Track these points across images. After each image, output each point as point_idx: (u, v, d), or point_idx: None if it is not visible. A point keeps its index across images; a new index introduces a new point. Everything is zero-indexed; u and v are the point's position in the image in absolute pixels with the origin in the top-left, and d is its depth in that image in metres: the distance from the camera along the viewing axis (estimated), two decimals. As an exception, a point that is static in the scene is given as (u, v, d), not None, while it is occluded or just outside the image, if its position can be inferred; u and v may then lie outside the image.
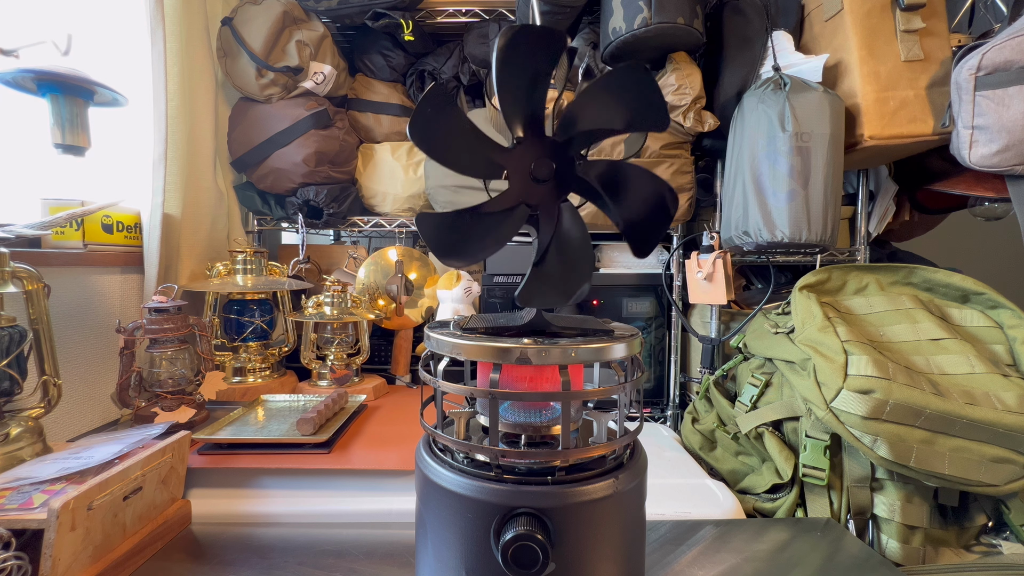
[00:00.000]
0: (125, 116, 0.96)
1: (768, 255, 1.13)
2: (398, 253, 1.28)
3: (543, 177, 0.38)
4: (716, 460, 0.93)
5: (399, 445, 0.79)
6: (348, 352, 1.14)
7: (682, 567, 0.58)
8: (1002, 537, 0.71)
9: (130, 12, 0.99)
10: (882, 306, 0.83)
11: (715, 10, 1.13)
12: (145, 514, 0.59)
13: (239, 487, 0.73)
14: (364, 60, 1.29)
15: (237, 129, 1.21)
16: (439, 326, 0.41)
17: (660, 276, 1.23)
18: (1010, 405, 0.67)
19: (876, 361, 0.70)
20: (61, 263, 0.86)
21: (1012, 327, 0.77)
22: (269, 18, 1.10)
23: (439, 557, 0.36)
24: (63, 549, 0.47)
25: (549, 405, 0.40)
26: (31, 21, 0.87)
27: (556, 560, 0.33)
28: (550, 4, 1.05)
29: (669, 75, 1.04)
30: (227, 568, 0.57)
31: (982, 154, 0.81)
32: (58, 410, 0.76)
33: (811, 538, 0.64)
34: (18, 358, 0.67)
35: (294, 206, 1.23)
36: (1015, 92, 0.76)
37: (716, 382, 0.98)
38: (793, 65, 0.99)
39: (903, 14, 0.92)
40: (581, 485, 0.34)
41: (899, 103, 0.92)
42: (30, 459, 0.65)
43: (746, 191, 0.96)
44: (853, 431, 0.69)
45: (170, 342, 0.86)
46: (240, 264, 1.07)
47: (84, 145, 0.81)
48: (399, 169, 1.25)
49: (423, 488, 0.38)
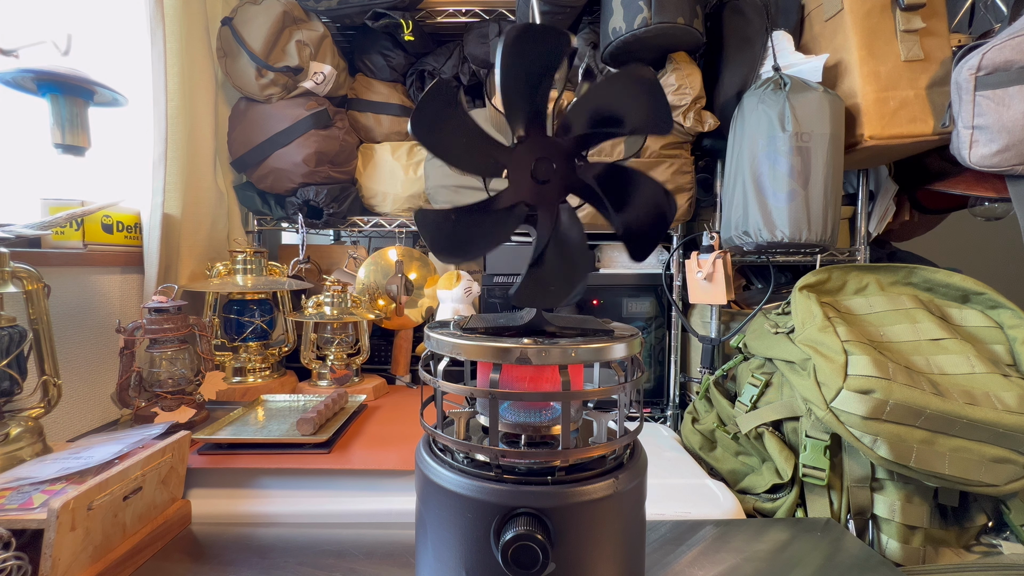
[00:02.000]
0: (125, 116, 0.96)
1: (768, 255, 1.13)
2: (398, 253, 1.28)
3: (543, 177, 0.38)
4: (716, 460, 0.93)
5: (399, 445, 0.79)
6: (348, 352, 1.14)
7: (682, 567, 0.58)
8: (1002, 537, 0.71)
9: (130, 12, 0.99)
10: (882, 306, 0.83)
11: (715, 10, 1.13)
12: (145, 514, 0.59)
13: (239, 487, 0.73)
14: (364, 60, 1.29)
15: (237, 129, 1.21)
16: (439, 326, 0.41)
17: (660, 276, 1.23)
18: (1010, 405, 0.67)
19: (876, 361, 0.70)
20: (61, 263, 0.86)
21: (1012, 327, 0.77)
22: (269, 18, 1.10)
23: (439, 557, 0.36)
24: (63, 549, 0.47)
25: (549, 405, 0.40)
26: (31, 21, 0.87)
27: (556, 560, 0.33)
28: (550, 4, 1.05)
29: (669, 75, 1.05)
30: (227, 568, 0.57)
31: (982, 154, 0.81)
32: (58, 410, 0.76)
33: (811, 538, 0.64)
34: (18, 358, 0.67)
35: (294, 206, 1.23)
36: (1015, 92, 0.76)
37: (716, 382, 0.98)
38: (793, 65, 0.99)
39: (903, 14, 0.92)
40: (581, 485, 0.34)
41: (899, 103, 0.92)
42: (30, 459, 0.65)
43: (746, 191, 0.96)
44: (853, 431, 0.69)
45: (170, 342, 0.86)
46: (240, 264, 1.07)
47: (84, 145, 0.81)
48: (399, 169, 1.25)
49: (423, 488, 0.38)
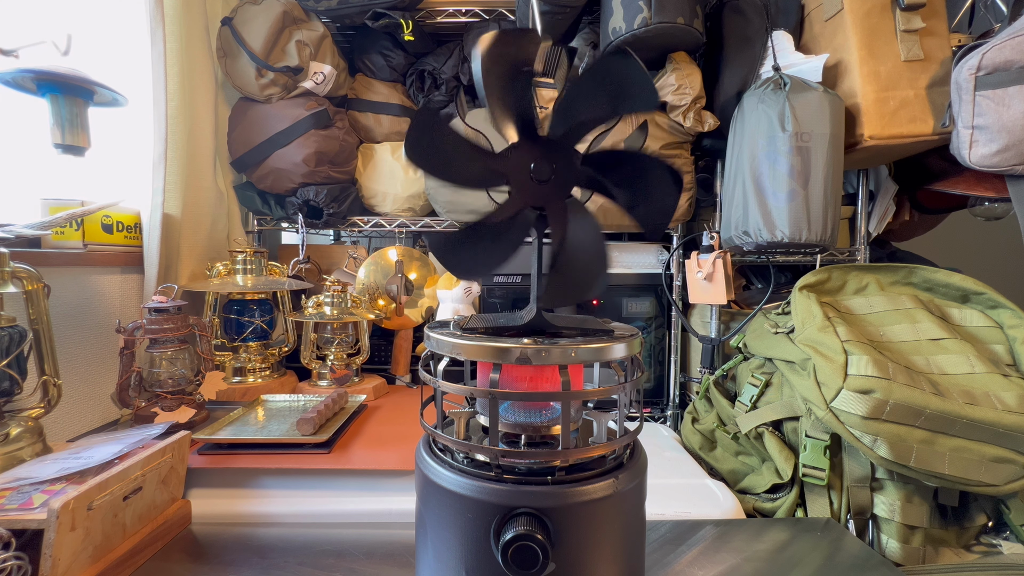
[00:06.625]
0: (125, 116, 0.96)
1: (768, 255, 1.13)
2: (398, 253, 1.28)
3: (544, 177, 0.38)
4: (716, 460, 0.93)
5: (399, 445, 0.79)
6: (348, 352, 1.14)
7: (682, 567, 0.58)
8: (1002, 537, 0.71)
9: (130, 12, 0.99)
10: (882, 306, 0.83)
11: (715, 10, 1.13)
12: (145, 514, 0.59)
13: (239, 487, 0.73)
14: (364, 60, 1.29)
15: (237, 129, 1.21)
16: (439, 326, 0.41)
17: (660, 276, 1.23)
18: (1010, 405, 0.67)
19: (876, 361, 0.70)
20: (61, 263, 0.86)
21: (1012, 327, 0.77)
22: (269, 18, 1.10)
23: (439, 557, 0.36)
24: (63, 549, 0.47)
25: (549, 405, 0.40)
26: (31, 21, 0.87)
27: (556, 560, 0.33)
28: (550, 4, 1.05)
29: (669, 75, 1.05)
30: (227, 568, 0.57)
31: (982, 154, 0.81)
32: (58, 410, 0.76)
33: (811, 538, 0.64)
34: (18, 358, 0.67)
35: (294, 206, 1.23)
36: (1015, 92, 0.76)
37: (716, 382, 0.98)
38: (793, 65, 0.99)
39: (903, 14, 0.92)
40: (581, 485, 0.34)
41: (899, 103, 0.92)
42: (30, 459, 0.65)
43: (746, 191, 0.96)
44: (853, 431, 0.69)
45: (170, 342, 0.86)
46: (240, 264, 1.07)
47: (84, 145, 0.81)
48: (399, 169, 1.25)
49: (423, 488, 0.38)
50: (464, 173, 0.37)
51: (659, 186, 0.39)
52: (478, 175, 0.37)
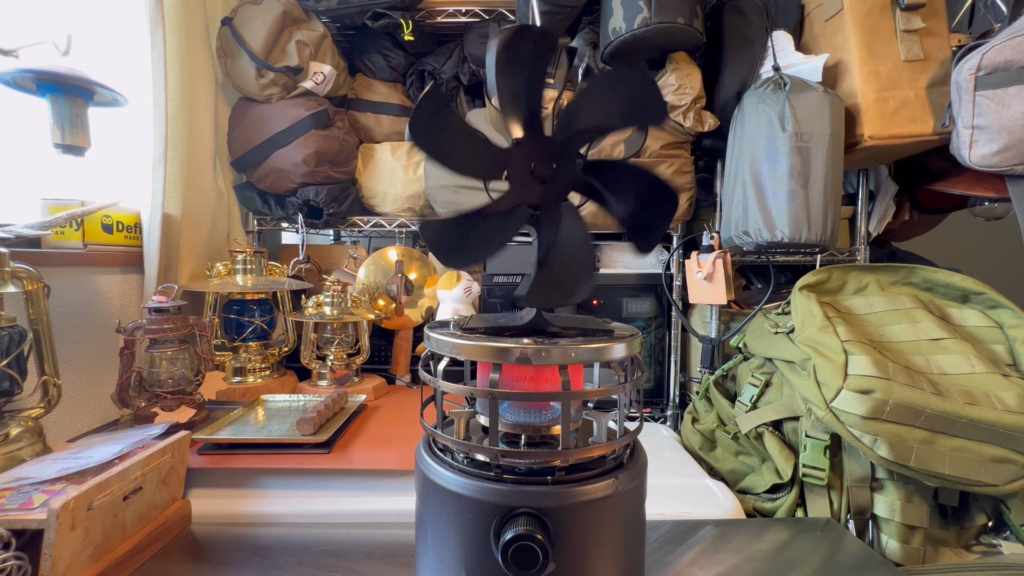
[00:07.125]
0: (125, 116, 0.96)
1: (768, 255, 1.13)
2: (398, 253, 1.28)
3: (543, 177, 0.38)
4: (716, 460, 0.93)
5: (399, 445, 0.79)
6: (348, 352, 1.14)
7: (682, 567, 0.58)
8: (1002, 537, 0.71)
9: (130, 12, 0.99)
10: (882, 306, 0.83)
11: (715, 10, 1.13)
12: (145, 514, 0.59)
13: (239, 487, 0.73)
14: (364, 60, 1.29)
15: (237, 129, 1.21)
16: (439, 326, 0.41)
17: (660, 276, 1.23)
18: (1010, 405, 0.67)
19: (876, 361, 0.70)
20: (61, 263, 0.86)
21: (1012, 327, 0.77)
22: (269, 18, 1.10)
23: (439, 557, 0.36)
24: (63, 549, 0.47)
25: (549, 405, 0.40)
26: (31, 21, 0.87)
27: (556, 560, 0.33)
28: (550, 4, 1.05)
29: (669, 75, 1.04)
30: (227, 568, 0.57)
31: (982, 154, 0.81)
32: (58, 410, 0.76)
33: (811, 538, 0.64)
34: (18, 358, 0.67)
35: (294, 206, 1.23)
36: (1015, 92, 0.76)
37: (716, 382, 0.98)
38: (793, 65, 0.99)
39: (903, 14, 0.92)
40: (581, 485, 0.34)
41: (899, 103, 0.92)
42: (30, 459, 0.65)
43: (746, 191, 0.96)
44: (853, 431, 0.69)
45: (170, 342, 0.86)
46: (240, 264, 1.07)
47: (84, 145, 0.81)
48: (399, 169, 1.25)
49: (423, 488, 0.38)
50: (464, 161, 0.37)
51: (655, 206, 0.40)
52: (477, 165, 0.37)
